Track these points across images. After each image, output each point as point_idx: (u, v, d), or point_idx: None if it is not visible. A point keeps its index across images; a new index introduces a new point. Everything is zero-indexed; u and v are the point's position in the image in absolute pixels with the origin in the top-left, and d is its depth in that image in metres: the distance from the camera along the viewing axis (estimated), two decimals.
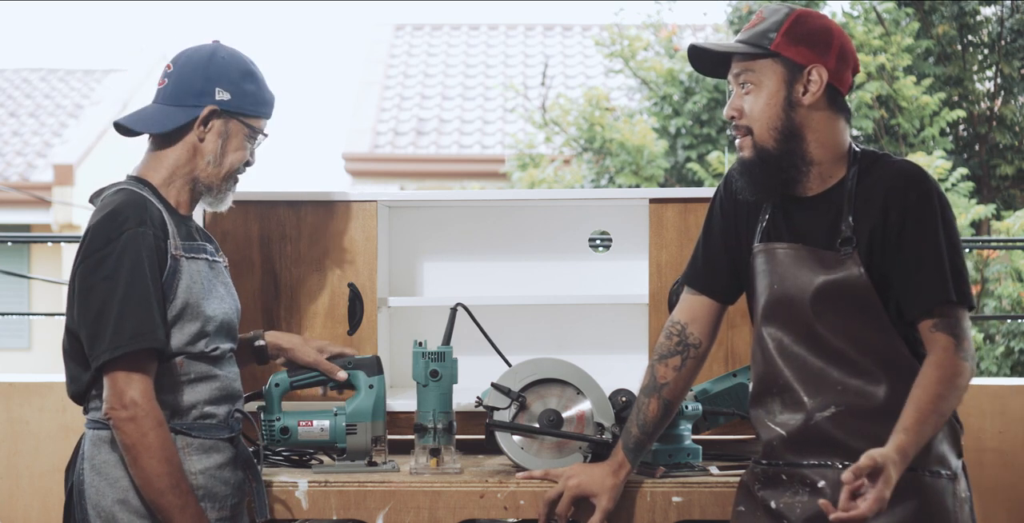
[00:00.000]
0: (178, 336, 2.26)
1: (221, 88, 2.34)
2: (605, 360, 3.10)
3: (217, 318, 2.33)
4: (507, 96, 12.64)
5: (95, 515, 2.23)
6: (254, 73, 2.39)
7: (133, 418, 2.16)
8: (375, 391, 2.55)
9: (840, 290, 2.15)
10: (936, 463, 2.13)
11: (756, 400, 2.26)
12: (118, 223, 2.20)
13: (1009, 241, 6.83)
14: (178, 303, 2.26)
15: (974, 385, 3.79)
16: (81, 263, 2.22)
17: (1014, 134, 9.26)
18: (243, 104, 2.35)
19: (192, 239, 2.35)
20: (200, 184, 2.36)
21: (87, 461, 2.25)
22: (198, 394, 2.30)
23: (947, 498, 2.12)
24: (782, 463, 2.19)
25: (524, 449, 2.50)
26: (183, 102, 2.33)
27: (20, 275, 8.37)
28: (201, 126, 2.33)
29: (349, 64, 44.50)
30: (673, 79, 9.98)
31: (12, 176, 13.75)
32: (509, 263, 3.24)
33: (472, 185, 12.66)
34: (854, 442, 2.12)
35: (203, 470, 2.28)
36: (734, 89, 2.24)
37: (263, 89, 2.40)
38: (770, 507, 2.18)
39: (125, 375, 2.17)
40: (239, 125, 2.36)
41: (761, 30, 2.21)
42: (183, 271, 2.28)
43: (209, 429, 2.31)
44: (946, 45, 9.30)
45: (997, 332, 7.30)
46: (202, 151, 2.34)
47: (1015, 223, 7.36)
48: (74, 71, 16.63)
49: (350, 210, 2.90)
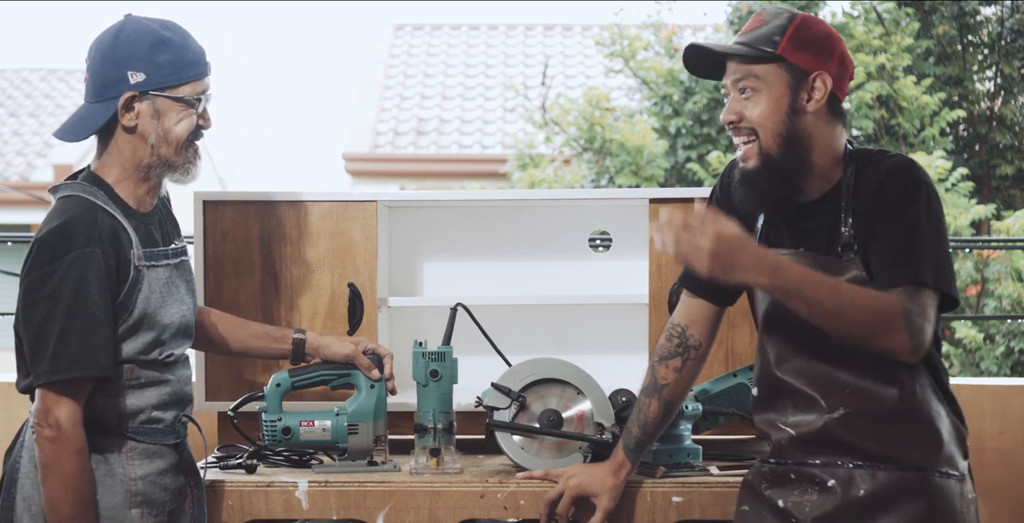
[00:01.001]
0: (132, 345, 2.22)
1: (132, 71, 2.20)
2: (605, 360, 3.10)
3: (174, 324, 2.28)
4: (507, 96, 12.64)
5: (24, 507, 2.20)
6: (165, 40, 2.22)
7: (54, 439, 2.13)
8: (376, 391, 2.55)
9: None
10: (945, 464, 2.13)
11: (764, 404, 2.24)
12: (65, 239, 2.13)
13: (1009, 241, 6.83)
14: (136, 314, 2.21)
15: (974, 385, 3.79)
16: (26, 276, 2.16)
17: (1014, 134, 9.26)
18: (161, 79, 2.21)
19: (153, 243, 2.28)
20: (155, 167, 2.25)
21: (27, 451, 2.22)
22: (146, 399, 2.26)
23: (955, 499, 2.12)
24: (791, 462, 2.19)
25: (524, 449, 2.50)
26: (102, 96, 2.22)
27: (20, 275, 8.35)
28: (126, 114, 2.22)
29: (349, 64, 44.52)
30: (673, 79, 9.98)
31: (12, 176, 13.75)
32: (509, 263, 3.24)
33: (472, 185, 12.66)
34: (865, 443, 2.12)
35: (143, 476, 2.25)
36: (732, 93, 2.19)
37: (182, 51, 2.23)
38: (777, 506, 2.18)
39: (55, 396, 2.13)
40: (166, 101, 2.22)
41: (764, 33, 2.16)
42: (143, 282, 2.22)
43: (154, 434, 2.27)
44: (946, 45, 9.31)
45: (997, 332, 7.30)
46: (143, 136, 2.23)
47: (1015, 223, 7.36)
48: (74, 71, 16.64)
49: (350, 210, 2.90)
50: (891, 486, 2.10)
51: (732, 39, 2.25)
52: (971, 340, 7.18)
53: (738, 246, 1.98)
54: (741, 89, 2.17)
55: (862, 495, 2.10)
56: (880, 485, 2.10)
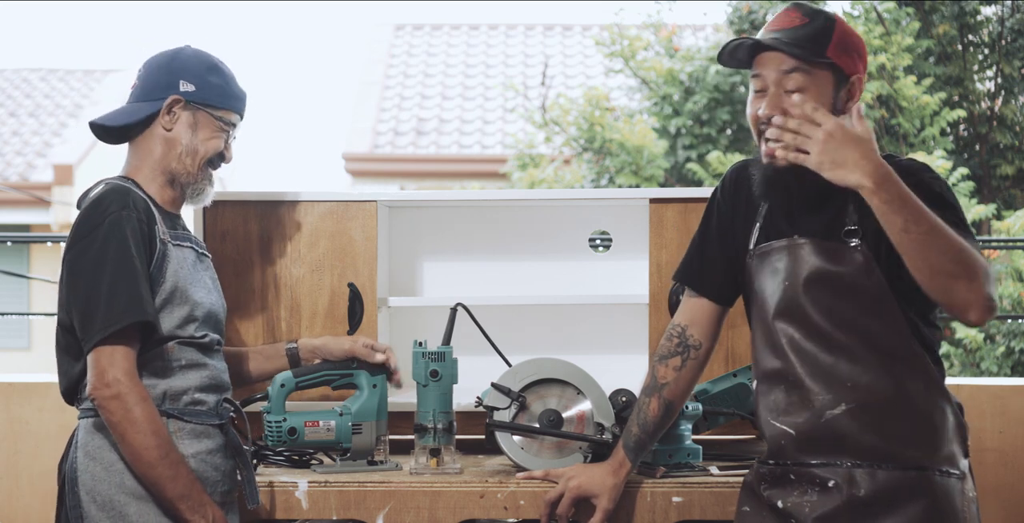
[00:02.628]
0: (168, 319, 2.29)
1: (185, 80, 2.38)
2: (605, 360, 3.10)
3: (204, 305, 2.35)
4: (507, 96, 12.65)
5: (89, 500, 2.23)
6: (219, 67, 2.42)
7: (117, 395, 2.18)
8: (378, 390, 2.56)
9: (847, 283, 2.14)
10: (946, 463, 2.13)
11: (761, 399, 2.24)
12: (102, 209, 2.25)
13: (1009, 241, 6.83)
14: (167, 286, 2.29)
15: (974, 385, 3.80)
16: (68, 251, 2.26)
17: (1014, 134, 9.26)
18: (208, 95, 2.38)
19: (176, 230, 2.39)
20: (178, 177, 2.38)
21: (81, 449, 2.26)
22: (189, 380, 2.31)
23: (956, 498, 2.12)
24: (790, 463, 2.19)
25: (524, 449, 2.50)
26: (150, 96, 2.39)
27: (20, 275, 8.38)
28: (167, 115, 2.37)
29: (349, 64, 44.52)
30: (673, 79, 9.98)
31: (12, 176, 13.75)
32: (509, 263, 3.24)
33: (472, 185, 12.66)
34: (865, 438, 2.11)
35: (195, 454, 2.29)
36: (770, 87, 2.16)
37: (230, 83, 2.43)
38: (777, 507, 2.17)
39: (109, 353, 2.19)
40: (207, 116, 2.38)
41: (810, 35, 2.15)
42: (171, 256, 2.31)
43: (200, 415, 2.32)
44: (946, 45, 9.31)
45: (997, 332, 7.30)
46: (174, 142, 2.37)
47: (1015, 223, 7.36)
48: (74, 71, 16.64)
49: (350, 210, 2.90)
50: (892, 486, 2.10)
51: (767, 32, 2.20)
52: (971, 340, 7.18)
53: (855, 141, 1.96)
54: (791, 85, 2.15)
55: (863, 495, 2.10)
56: (881, 485, 2.10)
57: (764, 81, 2.18)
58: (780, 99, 2.15)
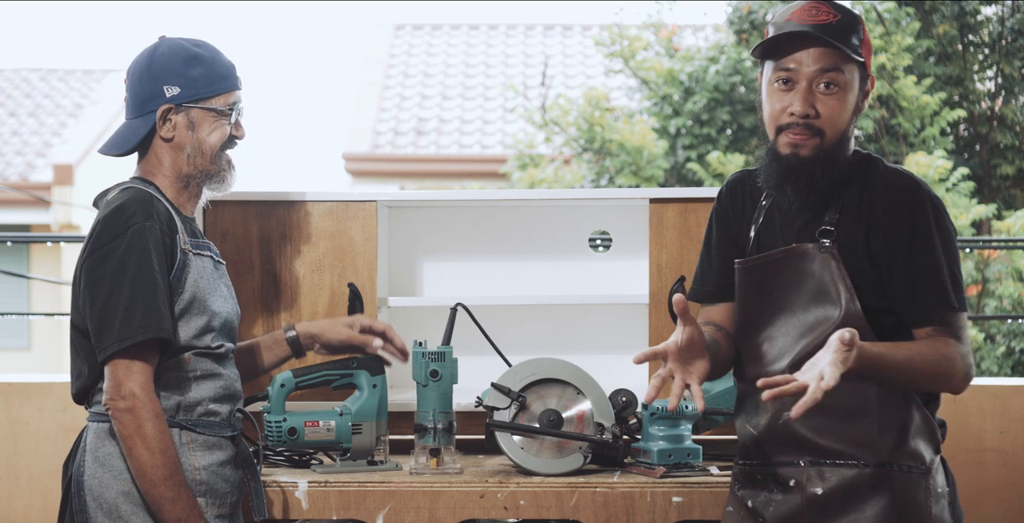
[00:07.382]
0: (185, 330, 2.29)
1: (168, 85, 2.35)
2: (605, 360, 3.10)
3: (221, 315, 2.36)
4: (507, 96, 12.65)
5: (96, 506, 2.24)
6: (198, 56, 2.38)
7: (131, 409, 2.18)
8: (378, 390, 2.56)
9: (815, 284, 2.14)
10: (907, 457, 2.12)
11: (737, 404, 2.28)
12: (125, 217, 2.25)
13: (1009, 241, 6.83)
14: (186, 296, 2.29)
15: (974, 385, 3.79)
16: (88, 257, 2.26)
17: (1015, 134, 9.26)
18: (195, 90, 2.36)
19: (196, 237, 2.39)
20: (192, 178, 2.39)
21: (89, 453, 2.27)
22: (203, 391, 2.32)
23: (919, 493, 2.11)
24: (755, 462, 2.21)
25: (524, 449, 2.50)
26: (141, 111, 2.37)
27: (20, 275, 8.36)
28: (163, 126, 2.36)
29: (349, 64, 44.53)
30: (673, 79, 9.98)
31: (12, 176, 13.74)
32: (509, 263, 3.24)
33: (472, 185, 12.66)
34: (822, 440, 2.12)
35: (206, 466, 2.30)
36: (802, 81, 2.10)
37: (213, 66, 2.38)
38: (747, 506, 2.19)
39: (126, 366, 2.19)
40: (200, 111, 2.37)
41: (842, 32, 2.10)
42: (191, 265, 2.31)
43: (212, 426, 2.33)
44: (947, 45, 9.30)
45: (997, 332, 7.30)
46: (179, 146, 2.37)
47: (1015, 223, 7.36)
48: (74, 71, 16.63)
49: (350, 210, 2.90)
50: (848, 482, 2.10)
51: (805, 24, 2.11)
52: (971, 340, 7.18)
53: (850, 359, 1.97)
54: (827, 82, 2.11)
55: (820, 493, 2.11)
56: (837, 482, 2.11)
57: (798, 75, 2.12)
58: (814, 96, 2.11)
